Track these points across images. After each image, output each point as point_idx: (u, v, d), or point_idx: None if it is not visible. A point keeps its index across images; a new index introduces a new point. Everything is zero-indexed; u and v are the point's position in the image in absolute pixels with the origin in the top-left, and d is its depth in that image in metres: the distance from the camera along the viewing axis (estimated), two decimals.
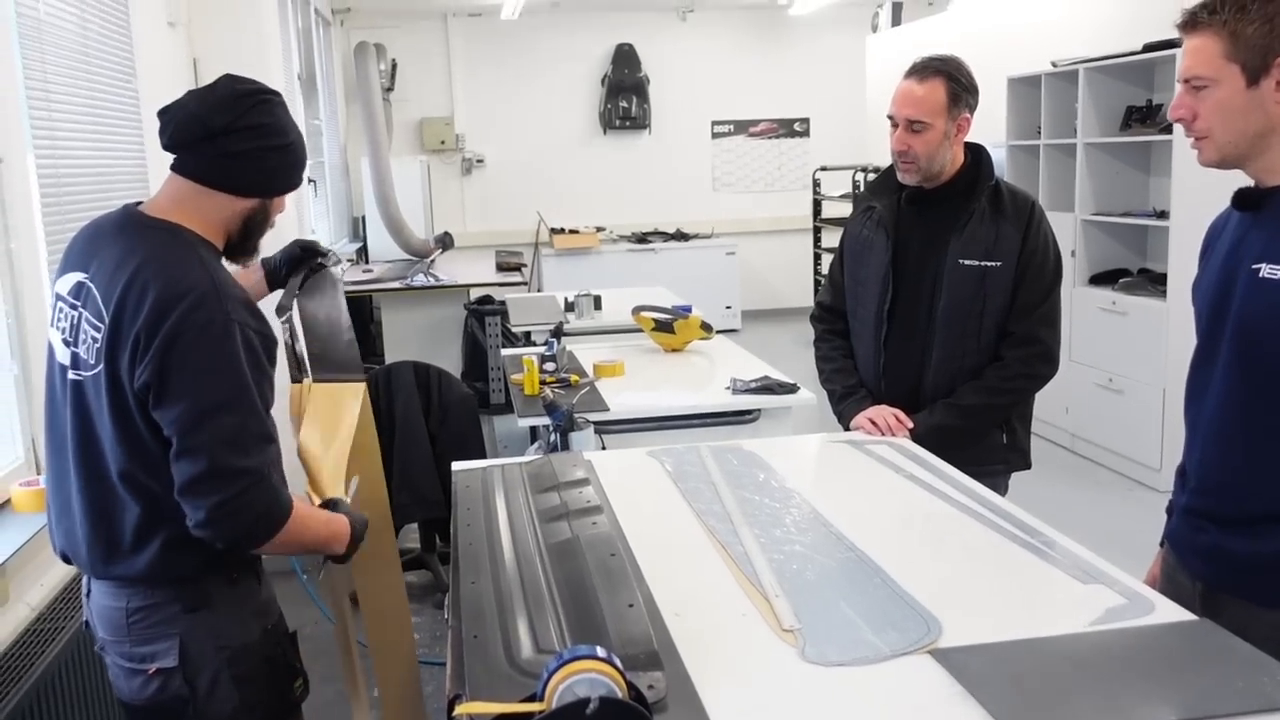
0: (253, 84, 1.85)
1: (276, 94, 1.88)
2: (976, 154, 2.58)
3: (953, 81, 2.50)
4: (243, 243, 1.88)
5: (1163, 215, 5.31)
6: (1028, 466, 2.65)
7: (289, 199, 1.96)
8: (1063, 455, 5.93)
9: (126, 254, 1.74)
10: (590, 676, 1.20)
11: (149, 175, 3.68)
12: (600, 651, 1.24)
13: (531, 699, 1.23)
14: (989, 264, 2.50)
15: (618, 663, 1.24)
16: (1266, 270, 1.65)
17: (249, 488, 1.68)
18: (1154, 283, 5.36)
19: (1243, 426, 1.72)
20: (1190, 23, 1.68)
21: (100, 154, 3.29)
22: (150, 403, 1.67)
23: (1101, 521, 4.51)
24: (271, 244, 2.06)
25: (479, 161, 10.26)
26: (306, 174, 1.92)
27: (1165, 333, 5.05)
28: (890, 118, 2.56)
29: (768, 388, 3.41)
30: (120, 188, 3.44)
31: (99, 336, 1.72)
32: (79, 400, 1.77)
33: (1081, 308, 5.77)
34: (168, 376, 1.65)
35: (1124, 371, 5.41)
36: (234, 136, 1.77)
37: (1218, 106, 1.66)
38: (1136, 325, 5.31)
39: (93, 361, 1.74)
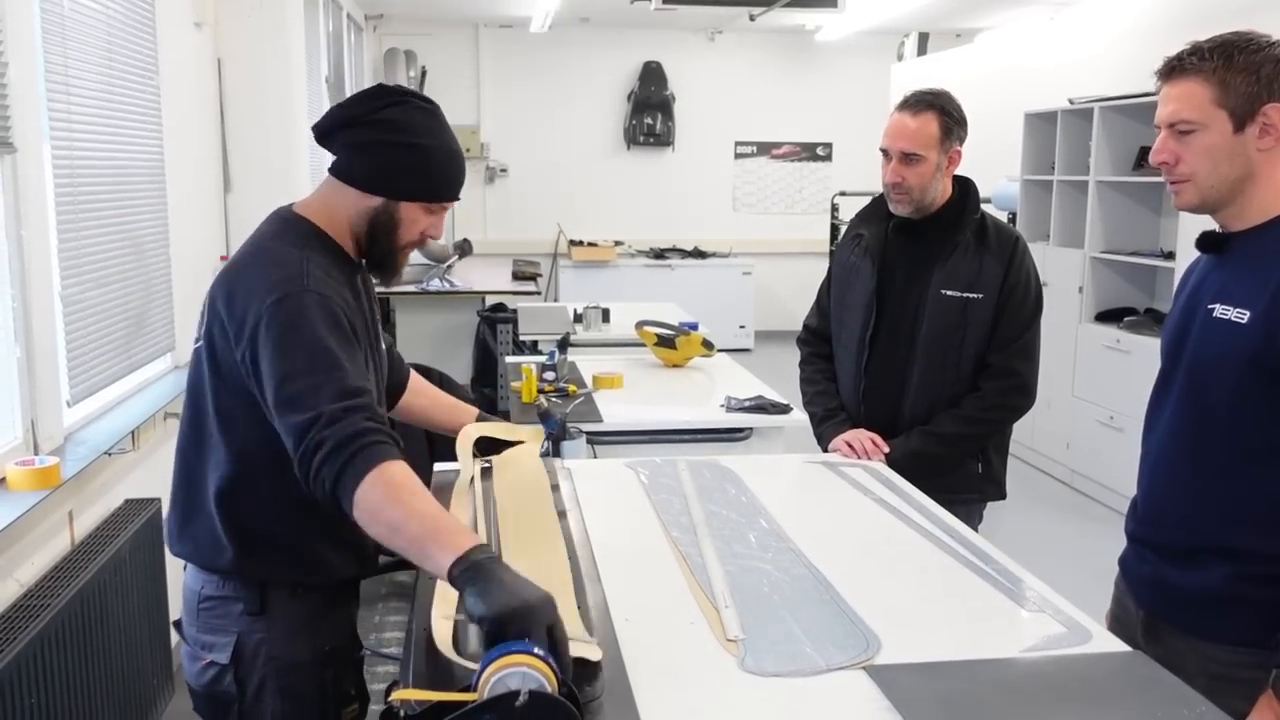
0: (404, 88, 1.86)
1: (427, 101, 1.87)
2: (964, 187, 2.63)
3: (945, 115, 2.54)
4: (371, 248, 1.85)
5: (1170, 256, 5.34)
6: (1003, 497, 2.68)
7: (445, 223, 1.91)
8: (1062, 490, 5.94)
9: (241, 250, 1.83)
10: (523, 670, 1.26)
11: (166, 171, 3.77)
12: (537, 648, 1.29)
13: (467, 689, 1.29)
14: (970, 296, 2.54)
15: (552, 661, 1.29)
16: (1219, 310, 1.71)
17: (333, 418, 1.58)
18: (1159, 323, 5.37)
19: (1185, 461, 1.78)
20: (1177, 69, 1.72)
21: (118, 149, 3.38)
22: (253, 384, 1.69)
23: (1095, 557, 4.49)
24: None
25: (502, 171, 10.36)
26: (459, 194, 1.88)
27: None
28: (883, 150, 2.61)
29: (761, 407, 3.45)
30: (137, 182, 3.53)
31: (203, 310, 1.81)
32: (191, 371, 1.86)
33: (1086, 344, 5.79)
34: (259, 353, 1.66)
35: (1125, 410, 5.42)
36: (362, 127, 1.79)
37: (1205, 151, 1.70)
38: (1139, 364, 5.32)
39: (198, 335, 1.83)
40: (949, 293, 2.55)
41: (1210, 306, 1.73)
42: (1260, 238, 1.71)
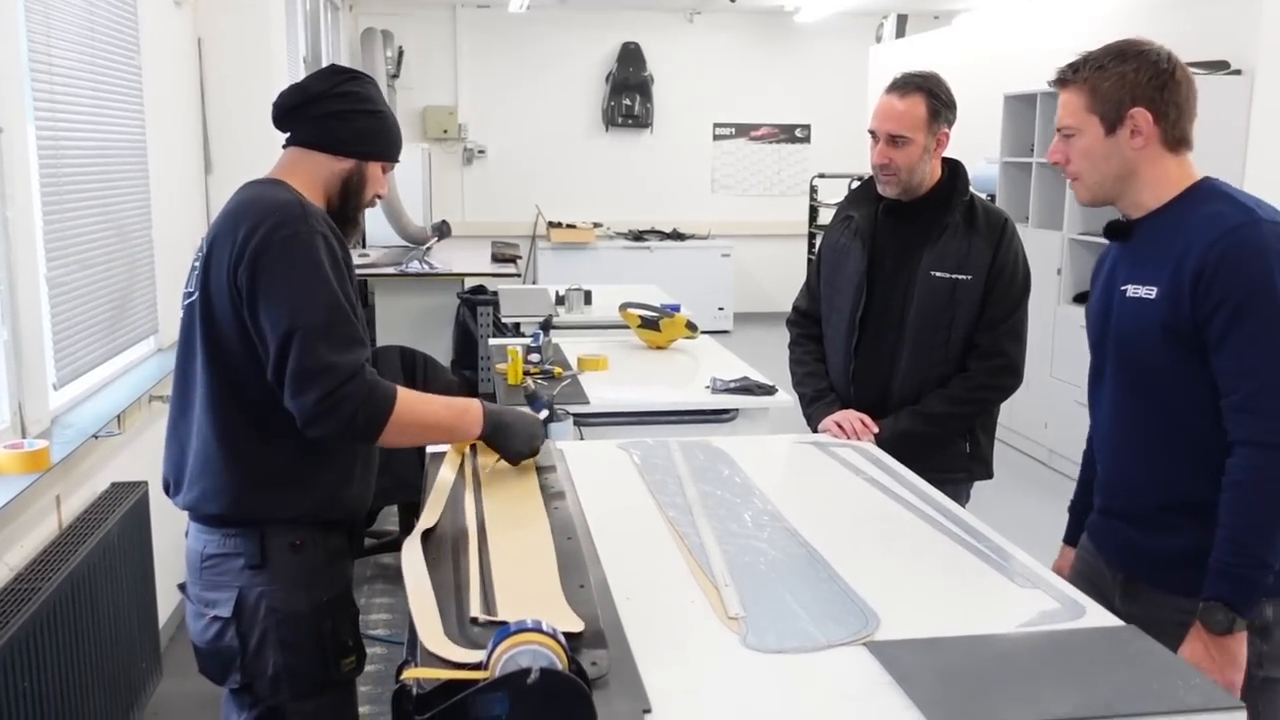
0: (348, 67, 2.08)
1: (371, 79, 2.10)
2: (953, 169, 2.65)
3: (933, 97, 2.56)
4: (342, 207, 2.02)
5: None
6: (990, 476, 2.71)
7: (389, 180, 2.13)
8: (1039, 470, 6.01)
9: (232, 202, 1.96)
10: (533, 648, 1.27)
11: (148, 152, 3.74)
12: (546, 626, 1.31)
13: (478, 667, 1.30)
14: (960, 277, 2.56)
15: (561, 638, 1.31)
16: (1131, 290, 1.87)
17: (345, 381, 1.81)
18: None
19: (1130, 432, 1.93)
20: (1060, 79, 1.93)
21: (100, 128, 3.35)
22: (246, 310, 1.83)
23: None
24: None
25: (480, 152, 10.33)
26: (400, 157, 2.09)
27: None
28: (871, 132, 2.62)
29: (746, 388, 3.47)
30: (119, 163, 3.50)
31: (197, 264, 1.91)
32: (183, 332, 1.96)
33: (1064, 325, 5.84)
34: (258, 284, 1.81)
35: None
36: (329, 100, 1.98)
37: (1083, 153, 1.89)
38: None
39: (191, 289, 1.93)
40: (938, 274, 2.57)
41: (1123, 288, 1.90)
42: (1158, 221, 1.87)
